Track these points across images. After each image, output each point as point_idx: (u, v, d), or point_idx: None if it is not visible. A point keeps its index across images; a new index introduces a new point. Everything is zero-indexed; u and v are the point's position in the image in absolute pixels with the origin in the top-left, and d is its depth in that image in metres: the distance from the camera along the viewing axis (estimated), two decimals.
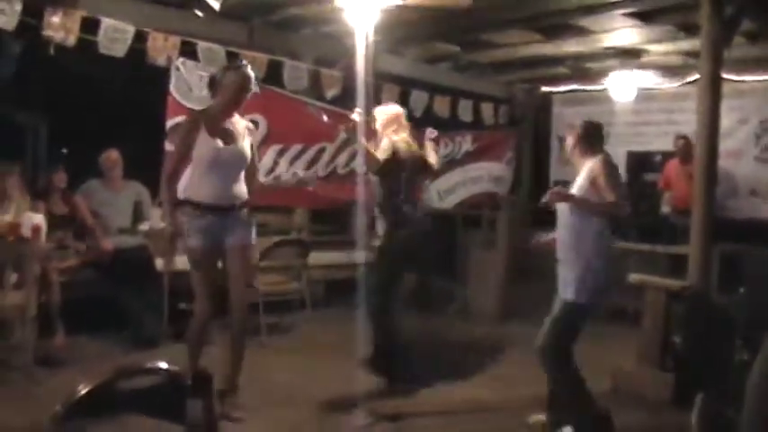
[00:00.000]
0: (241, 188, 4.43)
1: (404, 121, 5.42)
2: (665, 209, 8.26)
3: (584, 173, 4.14)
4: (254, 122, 5.73)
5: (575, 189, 4.15)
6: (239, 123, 4.47)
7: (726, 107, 5.83)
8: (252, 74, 4.43)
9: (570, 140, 4.30)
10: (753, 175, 8.86)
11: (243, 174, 4.46)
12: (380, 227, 5.22)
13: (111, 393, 1.98)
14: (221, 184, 4.32)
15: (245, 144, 4.44)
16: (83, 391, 1.94)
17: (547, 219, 4.49)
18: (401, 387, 5.03)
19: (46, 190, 6.03)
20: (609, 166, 4.09)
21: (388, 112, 5.46)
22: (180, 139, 4.45)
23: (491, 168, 9.48)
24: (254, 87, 4.49)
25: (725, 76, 5.79)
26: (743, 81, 8.58)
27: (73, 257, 5.96)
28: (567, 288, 4.09)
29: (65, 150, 8.61)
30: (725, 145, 6.79)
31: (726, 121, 6.40)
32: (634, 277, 5.61)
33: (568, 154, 4.38)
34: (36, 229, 5.31)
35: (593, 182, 4.05)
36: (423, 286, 7.91)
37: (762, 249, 6.81)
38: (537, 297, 7.49)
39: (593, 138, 4.25)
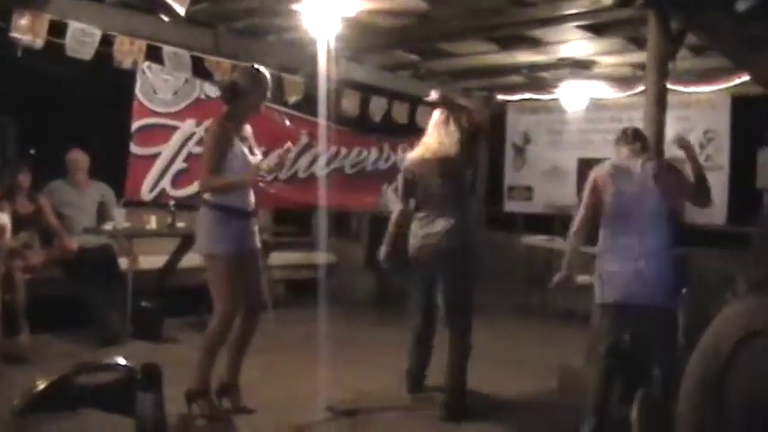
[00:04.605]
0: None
1: None
2: None
3: None
4: None
5: None
6: (247, 128, 4.54)
7: (672, 117, 6.04)
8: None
9: None
10: None
11: None
12: None
13: (68, 388, 2.08)
14: (247, 190, 4.40)
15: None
16: (40, 387, 2.04)
17: (498, 220, 4.74)
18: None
19: (11, 190, 6.00)
20: None
21: None
22: (217, 147, 4.25)
23: None
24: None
25: (671, 87, 6.02)
26: (689, 92, 8.89)
27: (37, 256, 5.98)
28: None
29: (33, 151, 8.60)
30: (670, 153, 7.02)
31: (671, 130, 6.67)
32: (582, 279, 5.81)
33: None
34: (1, 229, 5.37)
35: None
36: (383, 286, 8.11)
37: (704, 253, 7.13)
38: (494, 296, 7.74)
39: None
